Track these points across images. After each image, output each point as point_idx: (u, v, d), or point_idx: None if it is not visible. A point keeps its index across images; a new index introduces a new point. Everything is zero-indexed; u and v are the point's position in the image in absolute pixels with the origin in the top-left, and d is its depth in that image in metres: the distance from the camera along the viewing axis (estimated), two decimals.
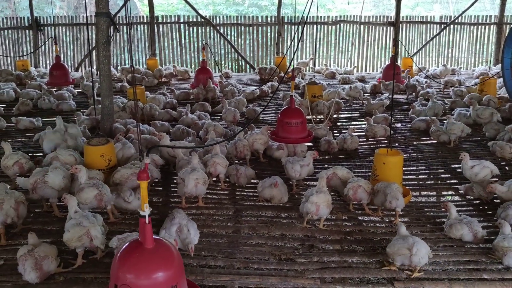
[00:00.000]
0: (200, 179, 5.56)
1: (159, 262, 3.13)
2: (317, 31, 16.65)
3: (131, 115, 9.24)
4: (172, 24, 16.45)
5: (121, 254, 3.19)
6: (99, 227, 4.42)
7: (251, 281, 4.22)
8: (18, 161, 6.07)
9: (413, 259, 4.23)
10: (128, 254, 3.18)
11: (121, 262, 3.13)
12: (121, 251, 3.21)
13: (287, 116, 6.86)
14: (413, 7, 28.71)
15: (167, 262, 3.18)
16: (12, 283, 4.16)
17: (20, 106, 10.04)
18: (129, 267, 3.08)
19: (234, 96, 11.17)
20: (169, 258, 3.20)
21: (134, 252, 3.16)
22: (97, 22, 6.99)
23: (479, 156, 7.22)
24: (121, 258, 3.16)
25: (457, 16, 16.85)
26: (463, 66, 17.08)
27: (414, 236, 4.45)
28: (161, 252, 3.20)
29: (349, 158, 7.65)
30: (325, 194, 5.21)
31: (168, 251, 3.24)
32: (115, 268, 3.14)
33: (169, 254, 3.22)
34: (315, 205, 5.11)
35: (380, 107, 9.92)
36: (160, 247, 3.23)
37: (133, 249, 3.19)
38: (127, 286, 3.05)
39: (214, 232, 5.19)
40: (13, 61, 15.86)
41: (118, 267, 3.12)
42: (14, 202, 4.82)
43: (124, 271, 3.08)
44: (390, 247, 4.40)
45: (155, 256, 3.15)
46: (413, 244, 4.24)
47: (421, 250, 4.24)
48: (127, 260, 3.13)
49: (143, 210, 3.14)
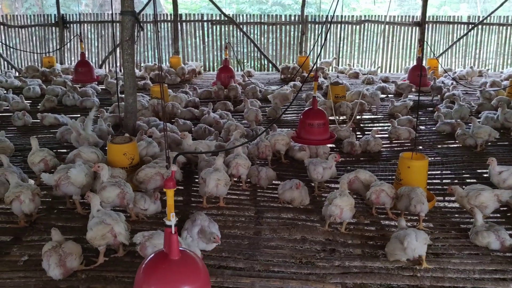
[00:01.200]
0: (221, 180, 5.55)
1: (185, 275, 2.99)
2: (341, 31, 16.50)
3: (153, 113, 9.30)
4: (195, 22, 16.51)
5: (146, 265, 3.08)
6: (122, 224, 4.45)
7: (271, 284, 4.19)
8: (44, 158, 6.16)
9: (407, 252, 4.31)
10: (153, 265, 3.06)
11: (146, 274, 3.02)
12: (146, 263, 3.10)
13: (309, 117, 6.80)
14: (439, 7, 28.22)
15: (194, 274, 3.04)
16: (36, 279, 4.21)
17: (46, 103, 10.21)
18: (155, 280, 2.97)
19: (255, 95, 11.16)
20: (195, 270, 3.06)
21: (159, 264, 3.04)
22: (122, 21, 7.03)
23: (507, 162, 7.03)
24: (146, 270, 3.05)
25: (485, 17, 16.47)
26: (491, 67, 16.69)
27: (408, 229, 4.51)
28: (187, 264, 3.06)
29: (372, 161, 7.54)
30: (349, 197, 5.14)
31: (194, 264, 3.10)
32: (139, 280, 3.03)
33: (195, 267, 3.08)
34: (339, 208, 5.05)
35: (404, 109, 9.77)
36: (186, 258, 3.08)
37: (158, 261, 3.07)
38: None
39: (234, 233, 5.17)
40: (39, 57, 16.14)
41: (142, 279, 3.01)
42: (30, 193, 5.05)
43: (149, 283, 2.97)
44: (388, 246, 4.53)
45: (181, 268, 3.01)
46: (404, 237, 4.32)
47: (412, 242, 4.28)
48: (152, 272, 3.02)
49: (169, 219, 3.01)
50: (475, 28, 16.43)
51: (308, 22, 16.40)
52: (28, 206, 5.02)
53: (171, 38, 16.37)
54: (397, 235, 4.49)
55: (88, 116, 7.38)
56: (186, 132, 7.01)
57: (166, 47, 16.68)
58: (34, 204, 5.09)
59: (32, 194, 5.07)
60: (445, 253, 4.80)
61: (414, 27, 16.33)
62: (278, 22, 16.55)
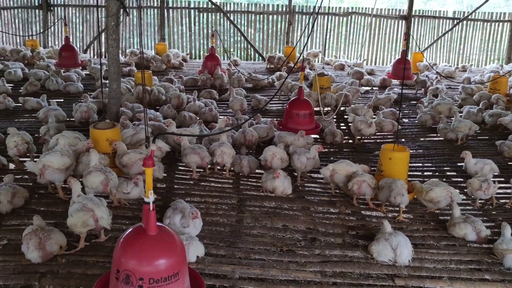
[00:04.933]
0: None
1: (161, 249, 3.13)
2: (328, 22, 16.51)
3: (138, 100, 9.22)
4: (182, 9, 16.36)
5: (124, 239, 3.19)
6: (104, 208, 4.44)
7: (252, 272, 4.23)
8: (16, 143, 6.14)
9: (398, 260, 4.42)
10: (131, 240, 3.18)
11: (124, 248, 3.14)
12: (124, 237, 3.21)
13: (295, 107, 6.82)
14: (426, 1, 28.38)
15: (170, 249, 3.18)
16: (15, 263, 4.19)
17: (28, 87, 10.04)
18: (132, 253, 3.09)
19: (241, 84, 11.14)
20: (171, 245, 3.20)
21: (137, 238, 3.16)
22: (107, 5, 6.94)
23: (487, 156, 7.15)
24: (124, 244, 3.16)
25: (470, 12, 16.63)
26: (474, 63, 16.89)
27: (397, 234, 4.53)
28: (164, 239, 3.19)
29: (355, 152, 7.60)
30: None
31: (171, 239, 3.24)
32: (117, 254, 3.15)
33: (171, 242, 3.22)
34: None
35: (388, 102, 9.85)
36: (163, 234, 3.22)
37: (136, 235, 3.19)
38: (129, 271, 3.06)
39: (216, 220, 5.20)
40: (22, 40, 15.84)
41: (120, 252, 3.13)
42: (10, 195, 5.00)
43: (126, 257, 3.09)
44: (375, 246, 4.54)
45: (157, 243, 3.15)
46: (397, 246, 4.42)
47: (404, 252, 4.39)
48: (130, 246, 3.13)
49: (147, 196, 3.13)
50: (460, 24, 16.59)
51: (296, 12, 16.37)
52: (5, 207, 4.96)
53: (157, 24, 16.21)
54: (389, 241, 4.43)
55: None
56: (170, 119, 6.99)
57: (152, 34, 16.51)
58: (11, 206, 5.02)
59: (11, 195, 5.01)
60: (424, 243, 4.89)
61: (400, 20, 16.41)
62: (265, 11, 16.49)
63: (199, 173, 6.37)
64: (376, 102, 9.89)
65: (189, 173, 6.36)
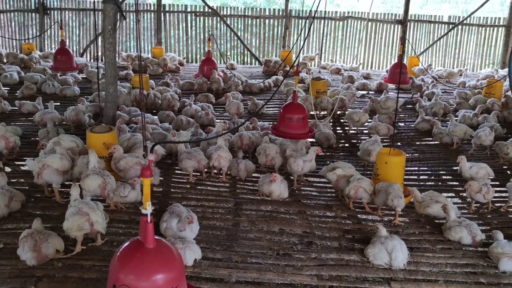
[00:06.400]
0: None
1: (160, 263, 3.00)
2: (325, 26, 16.56)
3: (135, 104, 9.23)
4: (179, 13, 16.37)
5: (120, 253, 3.06)
6: (99, 212, 4.44)
7: (248, 275, 4.24)
8: (3, 134, 6.25)
9: (394, 263, 4.44)
10: (128, 254, 3.04)
11: (121, 262, 3.00)
12: (120, 251, 3.07)
13: (288, 112, 6.83)
14: (422, 6, 28.54)
15: (168, 263, 3.04)
16: (11, 267, 4.18)
17: (24, 90, 10.02)
18: (130, 268, 2.96)
19: (237, 88, 11.16)
20: (170, 259, 3.07)
21: (134, 252, 3.03)
22: (104, 9, 6.96)
23: (481, 159, 7.19)
24: (121, 258, 3.03)
25: (465, 17, 16.71)
26: (469, 67, 16.96)
27: (393, 238, 4.54)
28: (162, 253, 3.06)
29: (351, 155, 7.63)
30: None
31: (169, 252, 3.11)
32: (114, 268, 3.02)
33: (170, 255, 3.09)
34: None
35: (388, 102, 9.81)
36: (161, 247, 3.10)
37: (133, 249, 3.06)
38: (126, 287, 2.92)
39: (213, 224, 5.20)
40: (19, 44, 15.82)
41: (117, 267, 2.99)
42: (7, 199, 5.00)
43: (124, 272, 2.95)
44: (371, 249, 4.55)
45: (156, 257, 3.02)
46: (392, 249, 4.44)
47: (399, 256, 4.41)
48: (127, 260, 3.00)
49: (145, 208, 3.00)
50: (455, 28, 16.66)
51: (292, 16, 16.42)
52: (2, 211, 4.96)
53: (154, 28, 16.23)
54: (384, 245, 4.47)
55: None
56: (174, 131, 7.11)
57: (148, 38, 16.52)
58: (8, 210, 5.02)
59: (8, 199, 5.02)
60: (419, 247, 4.91)
61: (396, 25, 16.48)
62: (262, 15, 16.53)
63: (196, 177, 6.38)
64: (372, 106, 9.85)
65: (185, 177, 6.37)
